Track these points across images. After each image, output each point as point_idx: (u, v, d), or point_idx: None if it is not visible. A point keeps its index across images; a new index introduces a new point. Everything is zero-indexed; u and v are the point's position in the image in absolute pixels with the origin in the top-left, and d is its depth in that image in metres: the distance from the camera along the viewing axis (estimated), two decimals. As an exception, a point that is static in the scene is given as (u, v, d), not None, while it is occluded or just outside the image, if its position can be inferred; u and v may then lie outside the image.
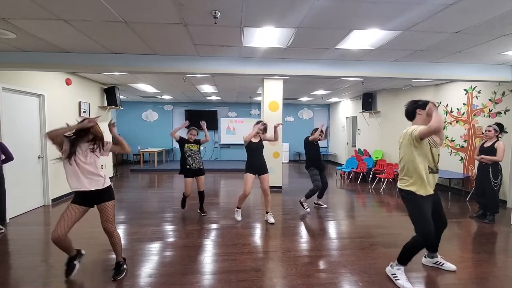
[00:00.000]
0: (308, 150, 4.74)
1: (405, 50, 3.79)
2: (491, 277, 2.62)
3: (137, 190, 6.45)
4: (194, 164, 4.26)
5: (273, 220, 4.13)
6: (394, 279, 2.47)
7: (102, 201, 2.50)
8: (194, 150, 4.28)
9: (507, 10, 2.54)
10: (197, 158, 4.29)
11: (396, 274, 2.49)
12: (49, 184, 5.01)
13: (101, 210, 2.50)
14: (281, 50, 3.84)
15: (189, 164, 4.25)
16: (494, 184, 4.08)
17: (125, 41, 3.47)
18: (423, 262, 2.83)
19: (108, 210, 2.51)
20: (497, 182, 4.07)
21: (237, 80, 6.74)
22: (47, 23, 2.91)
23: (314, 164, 4.66)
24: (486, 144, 4.20)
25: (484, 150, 4.19)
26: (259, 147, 4.12)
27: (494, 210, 4.16)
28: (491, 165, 4.11)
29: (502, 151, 4.00)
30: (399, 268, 2.50)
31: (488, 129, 4.18)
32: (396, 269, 2.51)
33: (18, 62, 3.89)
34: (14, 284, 2.50)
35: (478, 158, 4.20)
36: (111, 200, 2.55)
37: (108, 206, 2.51)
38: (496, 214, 4.21)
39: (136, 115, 11.14)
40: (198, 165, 4.28)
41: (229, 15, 2.73)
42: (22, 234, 3.66)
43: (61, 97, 5.43)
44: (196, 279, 2.56)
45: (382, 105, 8.10)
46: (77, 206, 2.45)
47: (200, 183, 4.39)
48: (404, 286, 2.38)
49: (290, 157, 11.90)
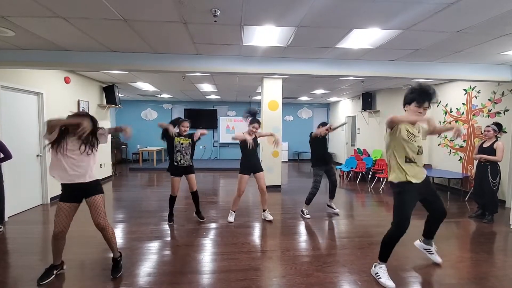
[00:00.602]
0: (313, 146, 4.36)
1: (405, 50, 3.79)
2: (490, 276, 2.63)
3: (136, 189, 6.44)
4: (182, 160, 3.79)
5: (271, 217, 4.13)
6: (377, 278, 2.51)
7: (90, 195, 2.45)
8: (185, 144, 3.80)
9: (507, 10, 2.54)
10: (187, 154, 3.83)
11: (378, 273, 2.52)
12: (48, 182, 4.99)
13: (90, 205, 2.46)
14: (281, 49, 3.83)
15: (176, 161, 3.78)
16: (492, 184, 4.10)
17: (125, 39, 3.45)
18: (415, 244, 2.91)
19: (97, 204, 2.45)
20: (495, 182, 4.09)
21: (236, 79, 6.73)
22: (46, 21, 2.89)
23: (319, 162, 4.31)
24: (485, 144, 4.21)
25: (483, 150, 4.20)
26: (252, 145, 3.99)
27: (493, 210, 4.17)
28: (490, 165, 4.12)
29: (502, 151, 4.02)
30: (380, 266, 2.54)
31: (487, 129, 4.19)
32: (378, 268, 2.55)
33: (17, 60, 3.87)
34: (12, 283, 2.49)
35: (478, 157, 4.21)
36: (99, 194, 2.48)
37: (97, 199, 2.46)
38: (495, 214, 4.21)
39: (135, 114, 11.11)
40: (187, 161, 3.82)
41: (229, 13, 2.72)
42: (21, 233, 3.65)
43: (60, 95, 5.41)
44: (195, 278, 2.56)
45: (381, 104, 8.10)
46: (66, 203, 2.41)
47: (191, 182, 3.92)
48: (385, 284, 2.41)
49: (290, 156, 11.90)
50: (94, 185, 2.49)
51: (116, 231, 3.66)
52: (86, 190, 2.46)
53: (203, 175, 8.25)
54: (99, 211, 2.46)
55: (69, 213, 2.42)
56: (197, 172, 4.16)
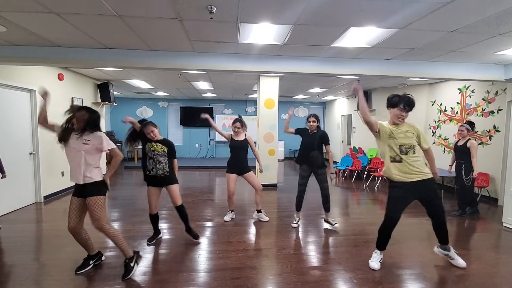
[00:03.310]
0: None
1: (401, 49, 3.80)
2: (483, 274, 2.66)
3: (131, 187, 6.39)
4: (155, 169, 3.09)
5: (266, 218, 4.11)
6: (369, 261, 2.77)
7: (86, 195, 2.47)
8: (157, 152, 3.09)
9: (503, 9, 2.56)
10: (160, 162, 3.10)
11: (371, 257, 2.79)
12: (41, 181, 4.93)
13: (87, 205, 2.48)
14: (277, 47, 3.81)
15: (148, 169, 3.13)
16: (466, 180, 4.30)
17: (119, 35, 3.40)
18: (434, 251, 2.92)
19: (91, 206, 2.44)
20: (468, 179, 4.28)
21: (233, 77, 6.70)
22: (38, 16, 2.83)
23: (301, 161, 3.79)
24: (459, 143, 4.40)
25: (457, 149, 4.42)
26: (238, 146, 3.95)
27: (471, 204, 4.39)
28: (464, 163, 4.30)
29: (475, 149, 4.24)
30: (376, 251, 2.78)
31: (461, 128, 4.38)
32: (373, 252, 2.80)
33: (9, 56, 3.79)
34: (4, 282, 2.46)
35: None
36: (94, 196, 2.45)
37: (91, 201, 2.44)
38: (474, 207, 4.43)
39: (130, 112, 11.00)
40: (160, 171, 3.10)
41: (225, 10, 2.70)
42: (13, 232, 3.60)
43: (53, 92, 5.23)
44: (191, 276, 2.55)
45: (377, 103, 8.13)
46: (75, 197, 2.50)
47: (172, 195, 3.19)
48: (370, 265, 2.71)
49: (286, 154, 11.92)
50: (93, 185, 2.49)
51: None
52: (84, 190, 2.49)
53: (199, 173, 8.22)
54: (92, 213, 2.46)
55: (78, 208, 2.50)
56: (193, 170, 4.10)
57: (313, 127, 3.74)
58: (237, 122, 3.97)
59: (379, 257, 2.75)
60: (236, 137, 4.01)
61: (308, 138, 3.75)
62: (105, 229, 2.49)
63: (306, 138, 3.78)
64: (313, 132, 3.75)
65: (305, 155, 3.72)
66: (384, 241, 2.74)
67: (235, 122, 3.98)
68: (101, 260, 2.75)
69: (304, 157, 3.73)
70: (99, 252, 2.75)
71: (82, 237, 2.57)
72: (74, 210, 2.48)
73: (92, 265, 2.65)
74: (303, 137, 3.83)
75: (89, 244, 2.62)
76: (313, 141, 3.70)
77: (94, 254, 2.68)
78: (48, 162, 5.10)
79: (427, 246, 3.22)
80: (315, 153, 3.66)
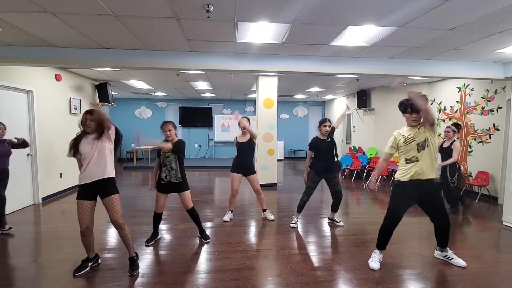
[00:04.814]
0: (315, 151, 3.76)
1: (400, 47, 3.78)
2: (483, 272, 2.64)
3: (130, 188, 6.36)
4: (168, 177, 3.11)
5: (272, 216, 4.12)
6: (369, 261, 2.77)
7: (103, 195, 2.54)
8: (169, 159, 3.10)
9: (501, 7, 2.54)
10: (173, 169, 3.10)
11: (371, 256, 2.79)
12: (39, 182, 4.90)
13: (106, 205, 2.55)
14: (275, 46, 3.79)
15: (162, 177, 3.13)
16: (451, 181, 4.38)
17: (116, 35, 3.38)
18: (435, 255, 2.93)
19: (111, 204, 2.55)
20: (453, 179, 4.38)
21: (231, 77, 6.68)
22: (33, 16, 2.81)
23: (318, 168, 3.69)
24: (445, 145, 4.44)
25: (442, 150, 4.44)
26: (244, 146, 3.93)
27: (454, 203, 4.45)
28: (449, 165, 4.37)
29: (457, 151, 4.28)
30: (375, 251, 2.79)
31: (447, 130, 4.43)
32: (373, 252, 2.81)
33: (5, 57, 3.76)
34: (2, 284, 2.43)
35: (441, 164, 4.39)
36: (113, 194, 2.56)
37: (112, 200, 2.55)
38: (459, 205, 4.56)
39: (129, 112, 10.99)
40: (173, 178, 3.12)
41: (222, 9, 2.67)
42: (11, 234, 3.57)
43: (50, 93, 5.30)
44: (190, 278, 2.53)
45: (376, 102, 8.12)
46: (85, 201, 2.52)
47: (183, 200, 3.23)
48: (369, 265, 2.72)
49: (285, 154, 11.90)
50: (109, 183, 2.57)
51: (110, 230, 3.61)
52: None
53: (198, 173, 8.20)
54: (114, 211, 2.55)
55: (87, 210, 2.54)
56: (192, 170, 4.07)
57: (328, 131, 3.68)
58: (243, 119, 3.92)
59: (378, 257, 2.75)
60: (241, 138, 3.99)
61: (325, 145, 3.68)
62: (125, 226, 2.59)
63: (323, 145, 3.68)
64: (326, 138, 3.71)
65: (331, 162, 3.65)
66: (385, 240, 2.75)
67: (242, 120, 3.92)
68: (98, 263, 2.76)
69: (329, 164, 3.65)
70: (96, 255, 2.77)
71: (91, 239, 2.62)
72: (87, 212, 2.51)
73: (89, 267, 2.65)
74: (320, 146, 3.70)
75: (92, 247, 2.67)
76: (332, 146, 3.69)
77: (92, 256, 2.70)
78: (46, 163, 5.07)
79: (427, 246, 3.20)
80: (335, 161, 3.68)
